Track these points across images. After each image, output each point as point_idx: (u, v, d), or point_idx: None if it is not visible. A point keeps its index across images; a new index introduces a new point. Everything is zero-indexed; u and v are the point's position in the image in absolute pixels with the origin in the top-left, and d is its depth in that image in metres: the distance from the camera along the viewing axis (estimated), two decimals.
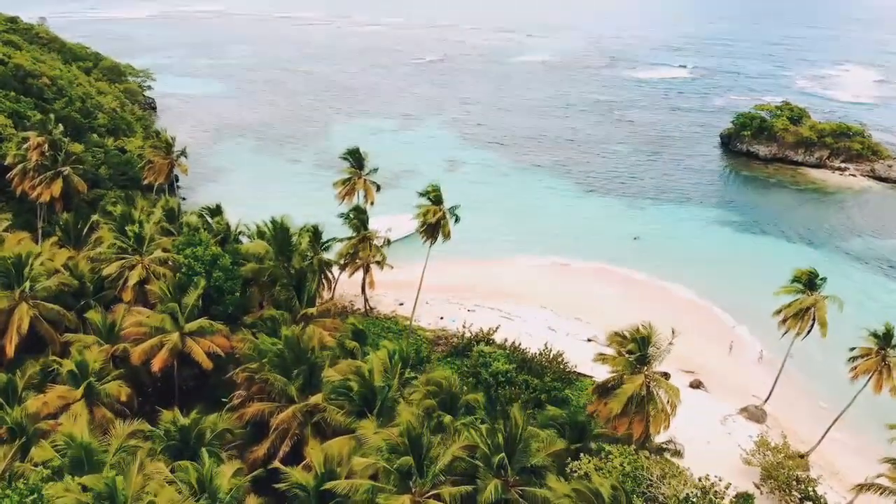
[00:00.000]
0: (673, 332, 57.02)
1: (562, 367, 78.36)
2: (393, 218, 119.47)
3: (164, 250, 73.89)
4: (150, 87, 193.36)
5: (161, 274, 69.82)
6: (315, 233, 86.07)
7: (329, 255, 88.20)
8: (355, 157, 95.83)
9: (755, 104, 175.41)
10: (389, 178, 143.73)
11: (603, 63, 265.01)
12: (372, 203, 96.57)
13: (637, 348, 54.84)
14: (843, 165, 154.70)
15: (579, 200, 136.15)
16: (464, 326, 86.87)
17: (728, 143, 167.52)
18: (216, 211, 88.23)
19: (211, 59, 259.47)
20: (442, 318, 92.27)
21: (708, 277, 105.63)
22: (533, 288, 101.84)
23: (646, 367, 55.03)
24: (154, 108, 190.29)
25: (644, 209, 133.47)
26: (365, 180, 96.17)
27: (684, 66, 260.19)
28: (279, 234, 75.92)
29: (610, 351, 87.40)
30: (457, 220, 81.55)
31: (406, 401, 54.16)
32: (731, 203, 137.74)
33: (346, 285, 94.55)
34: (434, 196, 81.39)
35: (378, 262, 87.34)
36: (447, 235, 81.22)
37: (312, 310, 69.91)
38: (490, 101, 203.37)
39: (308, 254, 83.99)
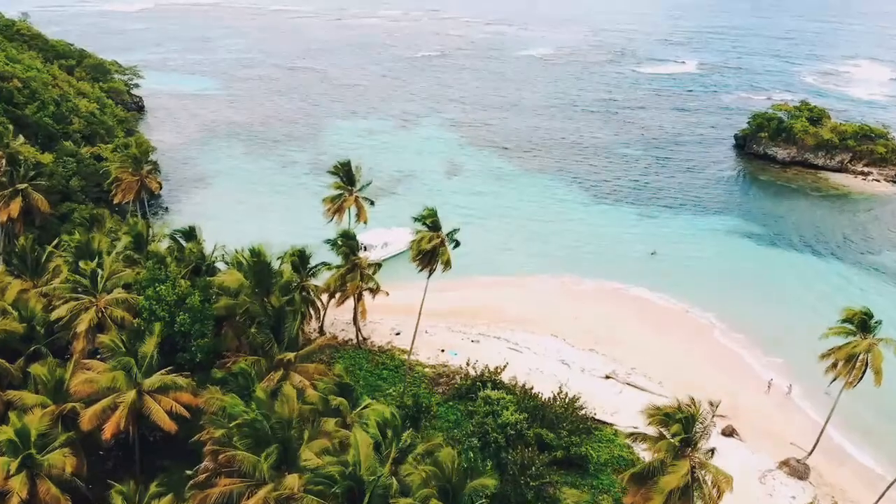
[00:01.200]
0: (712, 404, 47.08)
1: (579, 414, 68.62)
2: (389, 232, 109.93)
3: (127, 286, 64.07)
4: (137, 86, 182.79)
5: (119, 318, 59.87)
6: (301, 257, 76.47)
7: (318, 282, 78.77)
8: (346, 172, 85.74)
9: (772, 104, 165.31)
10: (386, 183, 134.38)
11: (605, 58, 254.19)
12: (365, 222, 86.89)
13: (682, 430, 44.78)
14: (865, 170, 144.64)
15: (589, 210, 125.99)
16: (468, 364, 76.88)
17: (743, 144, 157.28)
18: (190, 234, 78.20)
19: (204, 54, 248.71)
20: (443, 350, 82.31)
21: (733, 300, 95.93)
22: (542, 312, 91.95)
23: (691, 450, 45.02)
24: (142, 108, 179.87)
25: (658, 219, 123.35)
26: (357, 197, 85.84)
27: (689, 62, 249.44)
28: (257, 265, 65.84)
29: (630, 391, 78.87)
30: (456, 245, 71.44)
31: (401, 484, 44.44)
32: (750, 212, 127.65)
33: (337, 310, 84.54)
34: (431, 222, 71.12)
35: (371, 290, 77.20)
36: (446, 265, 71.08)
37: (292, 355, 59.92)
38: (490, 100, 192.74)
39: (293, 282, 74.56)
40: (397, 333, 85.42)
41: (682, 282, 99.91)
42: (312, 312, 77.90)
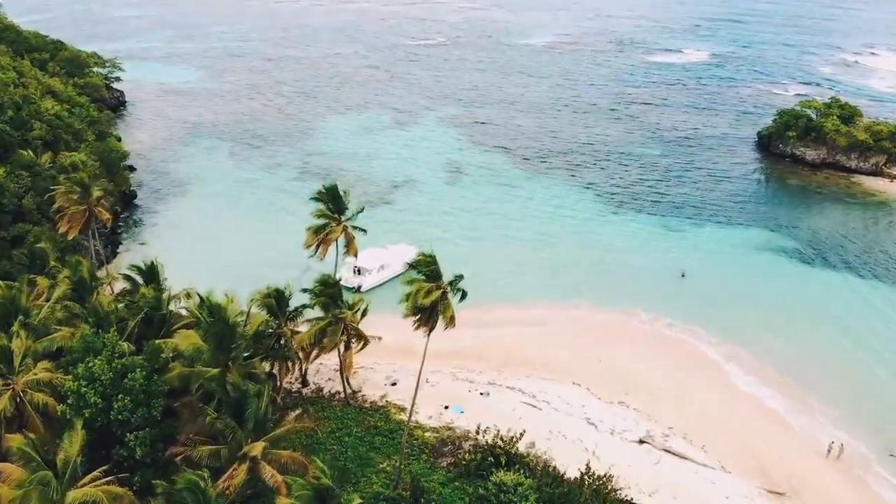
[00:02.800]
0: None
1: (613, 499, 55.62)
2: (384, 252, 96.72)
3: (58, 355, 50.91)
4: (118, 79, 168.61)
5: (41, 404, 46.61)
6: (279, 298, 63.25)
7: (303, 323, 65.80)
8: (332, 198, 71.80)
9: (800, 100, 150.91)
10: (381, 190, 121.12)
11: (611, 47, 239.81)
12: (355, 255, 73.01)
13: None
14: None
15: (606, 222, 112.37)
16: (477, 431, 63.74)
17: (768, 144, 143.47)
18: (150, 274, 64.93)
19: (194, 42, 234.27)
20: (447, 407, 68.99)
21: (775, 338, 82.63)
22: (560, 352, 78.67)
23: None
24: (123, 104, 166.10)
25: (682, 232, 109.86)
26: (346, 227, 72.10)
27: (698, 51, 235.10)
28: (216, 325, 52.39)
29: (669, 459, 65.87)
30: (463, 296, 57.76)
31: None
32: (781, 223, 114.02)
33: (324, 355, 71.17)
34: (429, 271, 57.39)
35: (358, 337, 63.81)
36: (450, 321, 57.45)
37: (260, 446, 46.59)
38: (491, 94, 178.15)
39: (269, 328, 61.73)
40: (393, 384, 72.18)
41: (717, 313, 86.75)
42: (289, 366, 64.90)
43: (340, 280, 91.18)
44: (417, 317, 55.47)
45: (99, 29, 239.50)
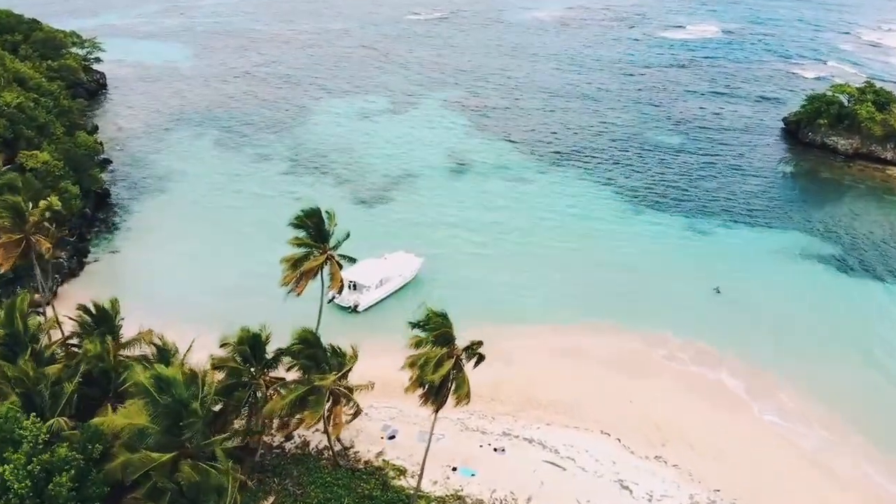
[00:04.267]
0: None
1: None
2: (383, 264, 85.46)
3: None
4: (98, 60, 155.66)
5: None
6: (254, 344, 52.15)
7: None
8: (315, 224, 59.69)
9: (831, 85, 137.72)
10: (379, 186, 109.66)
11: (621, 21, 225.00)
12: (339, 290, 61.09)
13: None
14: None
15: (626, 224, 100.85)
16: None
17: (796, 131, 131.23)
18: (101, 318, 53.60)
19: (180, 17, 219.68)
20: (455, 469, 57.96)
21: (828, 366, 72.03)
22: (584, 390, 67.81)
23: None
24: (103, 87, 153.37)
25: (711, 236, 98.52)
26: (330, 256, 60.19)
27: (710, 26, 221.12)
28: (169, 401, 41.17)
29: None
30: (479, 360, 46.38)
31: None
32: (817, 224, 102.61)
33: None
34: (439, 335, 45.77)
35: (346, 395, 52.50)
36: (463, 398, 46.07)
37: None
38: (496, 75, 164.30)
39: (244, 376, 50.94)
40: (391, 437, 61.17)
41: (759, 339, 76.07)
42: (268, 422, 53.94)
43: (333, 299, 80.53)
44: (423, 390, 43.84)
45: (77, 2, 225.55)
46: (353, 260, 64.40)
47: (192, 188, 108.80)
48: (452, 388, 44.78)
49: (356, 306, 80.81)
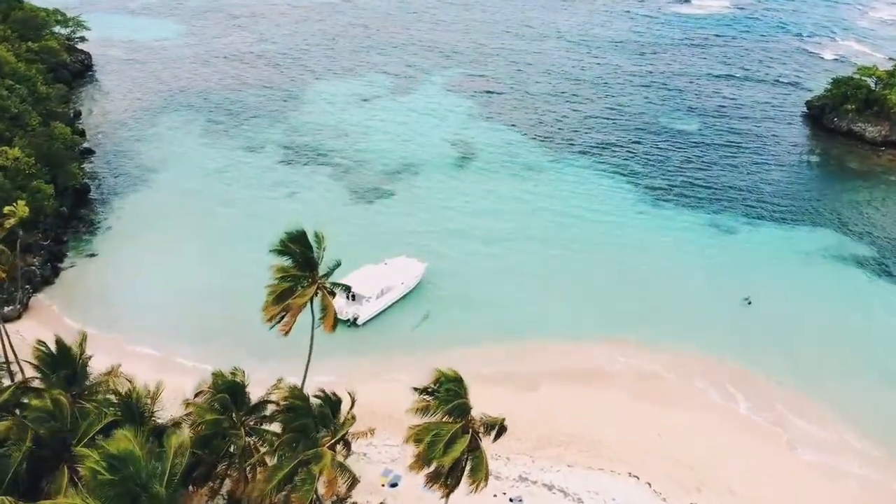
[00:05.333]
0: None
1: None
2: (384, 270, 77.94)
3: None
4: (83, 39, 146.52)
5: None
6: (234, 392, 44.94)
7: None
8: (302, 251, 51.26)
9: (857, 67, 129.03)
10: (378, 180, 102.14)
11: None
12: (332, 328, 52.25)
13: None
14: None
15: (645, 220, 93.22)
16: None
17: (820, 116, 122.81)
18: (64, 357, 46.21)
19: None
20: None
21: (877, 394, 64.45)
22: (607, 421, 60.55)
23: None
24: (89, 68, 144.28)
25: (736, 234, 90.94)
26: (320, 286, 51.82)
27: (723, 0, 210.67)
28: (128, 483, 33.69)
29: None
30: (500, 432, 38.78)
31: None
32: (850, 221, 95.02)
33: None
34: (454, 407, 38.05)
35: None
36: (480, 482, 38.56)
37: None
38: (502, 54, 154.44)
39: (221, 427, 43.82)
40: (393, 485, 53.94)
41: (798, 357, 69.00)
42: (250, 475, 46.55)
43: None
44: (431, 475, 36.43)
45: None
46: (347, 288, 56.42)
47: (179, 181, 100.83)
48: (467, 469, 37.41)
49: (355, 319, 73.41)
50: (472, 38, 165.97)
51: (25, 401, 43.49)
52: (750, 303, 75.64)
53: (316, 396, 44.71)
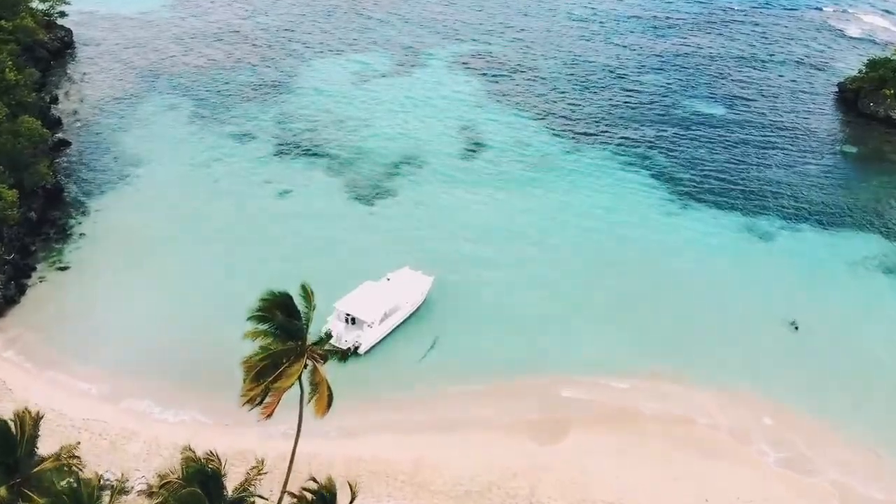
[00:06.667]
0: None
1: None
2: (386, 288, 68.77)
3: None
4: (62, 14, 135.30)
5: None
6: (207, 483, 36.33)
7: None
8: (285, 318, 40.95)
9: (893, 48, 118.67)
10: (377, 175, 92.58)
11: None
12: (323, 411, 41.83)
13: None
14: None
15: (673, 223, 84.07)
16: None
17: (854, 100, 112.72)
18: (4, 444, 37.54)
19: None
20: None
21: None
22: (645, 483, 51.76)
23: None
24: (69, 45, 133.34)
25: (774, 241, 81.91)
26: (310, 355, 41.66)
27: None
28: None
29: None
30: None
31: None
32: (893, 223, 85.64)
33: None
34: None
35: None
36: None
37: None
38: (509, 31, 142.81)
39: None
40: None
41: (862, 400, 59.63)
42: None
43: (328, 337, 63.99)
44: None
45: None
46: (344, 358, 46.23)
47: (162, 178, 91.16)
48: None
49: (356, 348, 64.41)
50: (476, 13, 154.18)
51: None
52: (797, 328, 66.62)
53: (302, 497, 35.93)
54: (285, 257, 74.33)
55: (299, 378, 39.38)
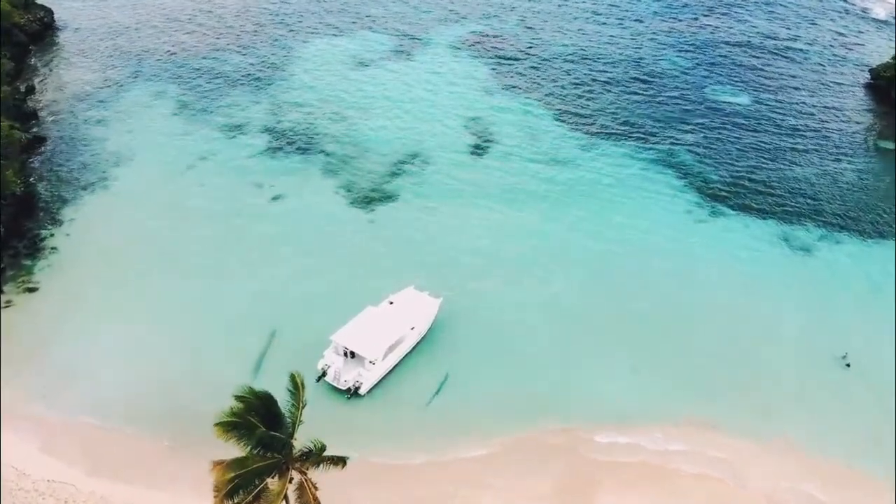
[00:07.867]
0: None
1: None
2: (388, 311, 60.86)
3: None
4: None
5: None
6: None
7: None
8: (266, 424, 32.77)
9: None
10: (379, 176, 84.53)
11: None
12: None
13: None
14: None
15: (702, 235, 75.74)
16: None
17: (886, 89, 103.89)
18: None
19: None
20: None
21: None
22: None
23: None
24: (49, 27, 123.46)
25: (813, 253, 73.76)
26: (300, 474, 33.25)
27: None
28: None
29: None
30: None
31: None
32: None
33: None
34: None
35: None
36: None
37: None
38: (517, 12, 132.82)
39: None
40: None
41: None
42: None
43: (325, 376, 56.59)
44: None
45: None
46: (341, 462, 37.94)
47: (144, 180, 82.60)
48: None
49: (357, 388, 56.64)
50: None
51: None
52: (848, 364, 58.86)
53: None
54: (277, 277, 66.76)
55: (284, 497, 31.43)
